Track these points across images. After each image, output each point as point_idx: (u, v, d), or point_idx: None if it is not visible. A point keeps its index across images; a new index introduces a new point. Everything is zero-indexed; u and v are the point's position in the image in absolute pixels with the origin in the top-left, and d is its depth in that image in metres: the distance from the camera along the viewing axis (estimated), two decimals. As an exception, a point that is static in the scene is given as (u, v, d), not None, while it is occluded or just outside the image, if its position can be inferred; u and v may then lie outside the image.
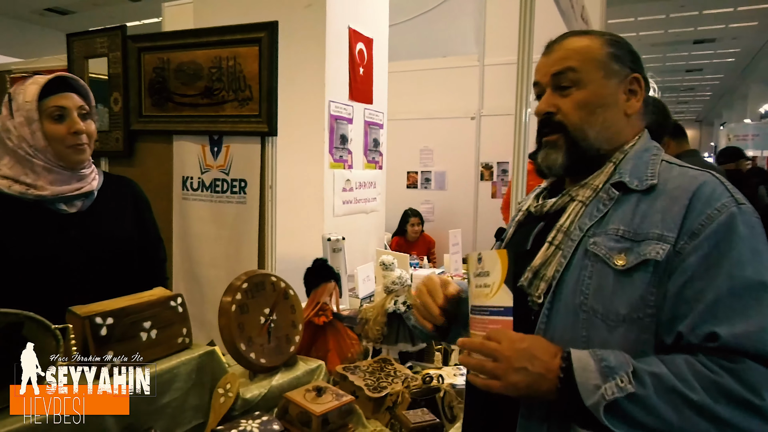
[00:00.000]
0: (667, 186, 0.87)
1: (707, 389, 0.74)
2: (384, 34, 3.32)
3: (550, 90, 0.98)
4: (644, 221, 0.85)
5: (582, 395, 0.77)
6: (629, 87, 0.96)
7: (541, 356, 0.81)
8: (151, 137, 2.33)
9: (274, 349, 1.45)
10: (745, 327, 0.76)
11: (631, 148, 0.94)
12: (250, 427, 1.21)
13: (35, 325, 1.02)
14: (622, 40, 0.99)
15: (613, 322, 0.83)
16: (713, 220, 0.81)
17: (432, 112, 4.61)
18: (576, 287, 0.86)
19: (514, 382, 0.81)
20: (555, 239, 0.92)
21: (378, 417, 1.46)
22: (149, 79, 2.27)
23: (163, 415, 1.19)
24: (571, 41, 0.98)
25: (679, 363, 0.77)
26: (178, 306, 1.29)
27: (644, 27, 13.76)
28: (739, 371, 0.74)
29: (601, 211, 0.90)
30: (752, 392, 0.73)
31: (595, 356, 0.79)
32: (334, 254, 2.41)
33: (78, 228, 1.48)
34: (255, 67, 2.02)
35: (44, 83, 1.43)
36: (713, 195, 0.84)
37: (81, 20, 13.41)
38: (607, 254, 0.85)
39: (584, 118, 0.94)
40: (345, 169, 2.97)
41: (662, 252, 0.81)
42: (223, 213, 2.16)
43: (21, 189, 1.41)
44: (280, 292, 1.51)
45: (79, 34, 2.51)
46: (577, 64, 0.95)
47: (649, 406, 0.75)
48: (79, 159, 1.48)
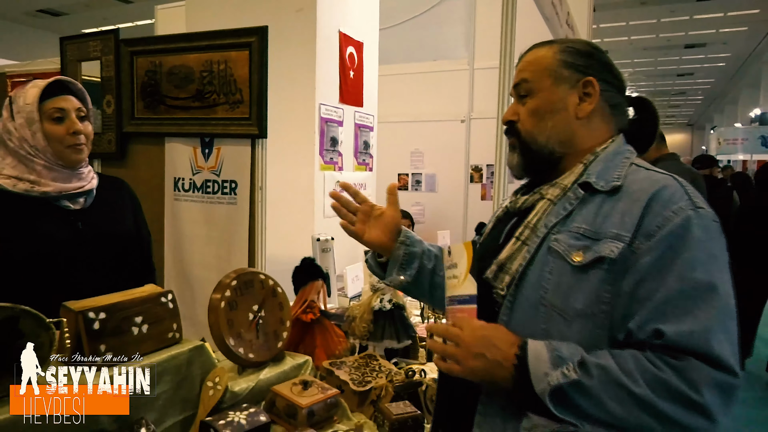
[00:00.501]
0: (630, 188, 0.90)
1: (650, 384, 0.77)
2: (374, 38, 3.37)
3: (515, 100, 1.05)
4: (605, 221, 0.88)
5: (533, 382, 0.81)
6: (583, 91, 0.98)
7: (500, 345, 0.85)
8: (144, 139, 2.37)
9: (262, 345, 1.49)
10: (691, 326, 0.79)
11: (603, 151, 0.98)
12: (237, 419, 1.25)
13: (31, 319, 1.06)
14: (581, 46, 1.02)
15: (570, 317, 0.86)
16: (669, 222, 0.84)
17: (422, 115, 4.67)
18: (537, 282, 0.90)
19: (473, 367, 0.86)
20: (522, 235, 0.96)
21: (362, 410, 1.51)
22: (141, 82, 2.32)
23: (154, 407, 1.23)
24: (531, 53, 1.04)
25: (627, 357, 0.80)
26: (168, 302, 1.33)
27: (636, 31, 13.90)
28: (682, 368, 0.77)
29: (567, 209, 0.93)
30: (693, 389, 0.76)
31: (549, 346, 0.83)
32: (323, 254, 2.45)
33: (85, 223, 1.56)
34: (245, 71, 2.07)
35: (44, 86, 1.49)
36: (672, 198, 0.86)
37: (73, 22, 13.41)
38: (566, 251, 0.89)
39: (534, 123, 1.00)
40: (335, 170, 3.02)
41: (616, 250, 0.84)
42: (214, 214, 2.20)
43: (26, 186, 1.47)
44: (269, 290, 1.56)
45: (72, 38, 2.55)
46: (530, 75, 1.01)
47: (594, 396, 0.79)
48: (77, 158, 1.55)
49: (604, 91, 0.99)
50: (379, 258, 1.27)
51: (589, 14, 4.24)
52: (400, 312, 1.85)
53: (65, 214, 1.53)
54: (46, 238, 1.47)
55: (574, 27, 3.19)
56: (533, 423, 0.84)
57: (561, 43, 1.03)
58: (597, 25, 12.79)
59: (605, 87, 1.00)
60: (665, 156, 3.07)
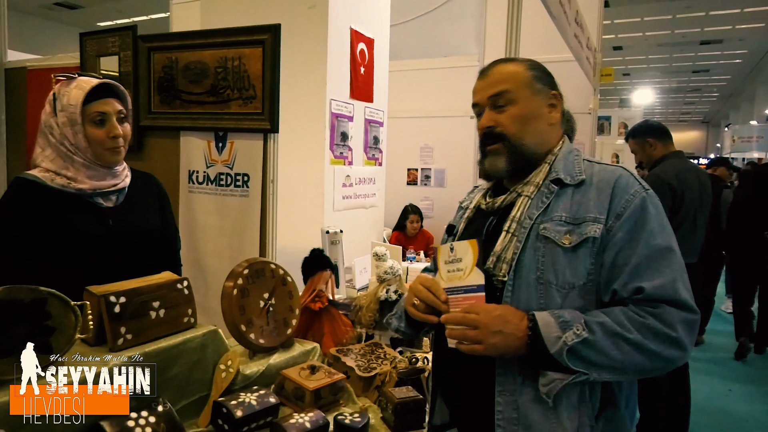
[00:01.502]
0: (593, 180, 1.10)
1: (639, 330, 0.97)
2: (385, 34, 3.42)
3: (488, 109, 1.17)
4: (580, 208, 1.07)
5: (547, 346, 0.98)
6: (550, 101, 1.18)
7: (512, 320, 1.02)
8: (160, 133, 2.44)
9: (272, 331, 1.56)
10: (662, 281, 0.99)
11: (559, 151, 1.17)
12: (248, 400, 1.32)
13: (57, 301, 1.14)
14: (539, 64, 1.21)
15: (565, 290, 1.04)
16: (630, 203, 1.04)
17: (432, 111, 4.71)
18: (532, 265, 1.07)
19: (494, 343, 1.01)
20: (510, 228, 1.11)
21: (367, 395, 1.58)
22: (158, 77, 2.38)
23: (170, 387, 1.30)
24: (501, 68, 1.19)
25: (617, 312, 1.00)
26: (184, 288, 1.40)
27: (650, 27, 13.77)
28: (660, 314, 0.98)
29: (545, 202, 1.10)
30: (670, 328, 0.97)
31: (553, 315, 1.01)
32: (332, 246, 2.52)
33: (116, 220, 1.62)
34: (259, 67, 2.13)
35: (89, 89, 1.54)
36: (628, 184, 1.07)
37: (89, 15, 13.54)
38: (556, 236, 1.06)
39: (520, 128, 1.15)
40: (345, 165, 3.08)
41: (598, 230, 1.04)
42: (227, 205, 2.27)
43: (62, 182, 1.54)
44: (279, 279, 1.62)
45: (91, 34, 2.62)
46: (511, 86, 1.15)
47: (599, 348, 0.97)
48: (115, 160, 1.62)
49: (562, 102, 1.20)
50: None
51: (599, 11, 4.25)
52: (406, 302, 1.91)
53: (98, 211, 1.60)
54: (79, 232, 1.54)
55: (584, 24, 3.22)
56: (551, 378, 1.00)
57: (524, 61, 1.20)
58: (611, 21, 12.70)
59: (562, 99, 1.20)
60: (671, 154, 3.09)
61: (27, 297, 1.09)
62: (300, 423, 1.27)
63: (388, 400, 1.43)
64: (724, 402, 4.02)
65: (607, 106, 16.36)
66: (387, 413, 1.44)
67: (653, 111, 25.59)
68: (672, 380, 3.06)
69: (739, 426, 3.67)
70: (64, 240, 1.52)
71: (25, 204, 1.51)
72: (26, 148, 3.05)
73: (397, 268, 1.95)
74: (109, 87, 1.60)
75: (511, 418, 1.06)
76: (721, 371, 4.62)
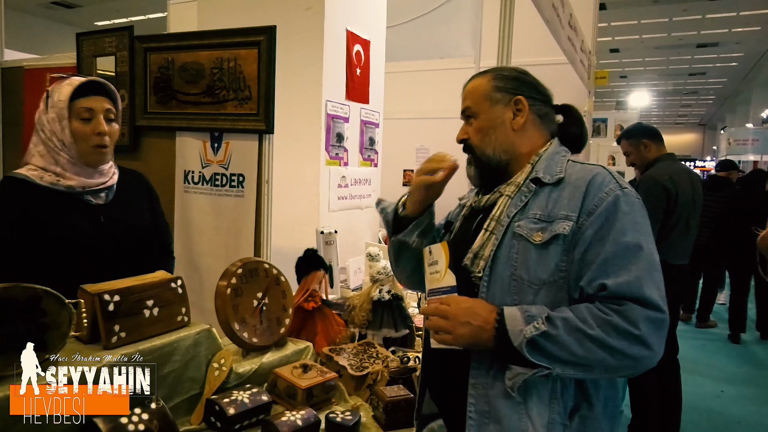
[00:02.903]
0: (570, 178, 1.12)
1: (601, 326, 0.98)
2: (381, 36, 3.43)
3: (464, 122, 1.27)
4: (555, 206, 1.09)
5: (511, 338, 1.01)
6: (515, 107, 1.21)
7: (481, 313, 1.06)
8: (156, 133, 2.45)
9: (265, 330, 1.58)
10: (626, 278, 1.00)
11: (544, 152, 1.20)
12: (241, 398, 1.34)
13: (52, 299, 1.15)
14: (507, 71, 1.26)
15: (536, 286, 1.07)
16: (603, 201, 1.06)
17: (428, 112, 4.72)
18: (507, 262, 1.10)
19: (461, 334, 1.05)
20: (489, 226, 1.16)
21: (359, 394, 1.60)
22: (154, 78, 2.40)
23: (164, 384, 1.32)
24: (469, 84, 1.27)
25: (582, 309, 1.01)
26: (178, 287, 1.42)
27: (647, 30, 13.82)
28: (623, 311, 0.98)
29: (523, 201, 1.14)
30: (632, 325, 0.97)
31: (521, 309, 1.04)
32: (326, 246, 2.53)
33: (107, 217, 1.64)
34: (254, 68, 2.14)
35: (78, 85, 1.57)
36: (603, 182, 1.08)
37: (87, 14, 13.52)
38: (528, 233, 1.09)
39: (481, 139, 1.22)
40: (341, 166, 3.09)
41: (568, 228, 1.06)
42: (222, 205, 2.29)
43: (51, 179, 1.55)
44: (273, 278, 1.64)
45: (88, 34, 2.63)
46: (471, 103, 1.24)
47: (560, 342, 0.99)
48: (99, 160, 1.63)
49: (532, 105, 1.22)
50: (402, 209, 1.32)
51: (594, 14, 4.28)
52: (399, 303, 1.93)
53: (88, 209, 1.62)
54: (70, 229, 1.56)
55: (578, 28, 3.24)
56: (515, 372, 1.03)
57: (493, 71, 1.26)
58: (607, 24, 12.74)
59: (532, 102, 1.22)
60: (664, 156, 3.12)
61: (22, 295, 1.11)
62: (292, 421, 1.29)
63: (379, 399, 1.45)
64: (716, 403, 4.05)
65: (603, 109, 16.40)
66: (378, 412, 1.46)
67: (650, 113, 25.66)
68: (663, 381, 3.09)
69: (731, 427, 3.70)
70: (55, 237, 1.53)
71: (15, 202, 1.52)
72: (22, 148, 3.05)
73: (390, 268, 1.97)
74: (100, 85, 1.61)
75: (483, 411, 1.09)
76: (712, 372, 4.66)
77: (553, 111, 1.27)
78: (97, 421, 1.10)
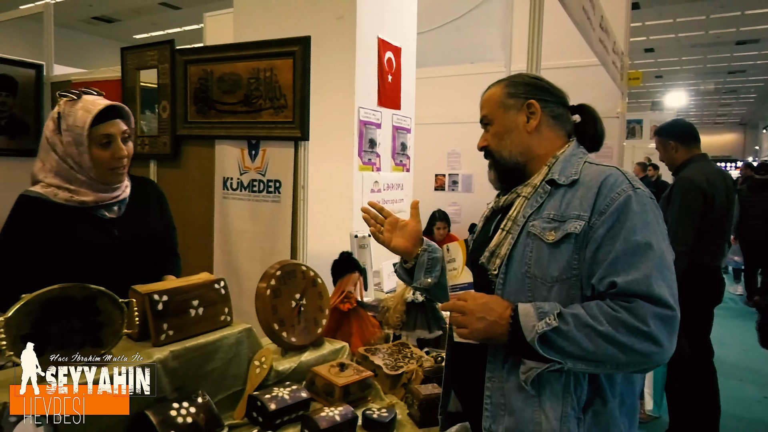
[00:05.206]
0: (584, 179, 1.15)
1: (610, 322, 1.00)
2: (412, 42, 3.48)
3: (483, 130, 1.32)
4: (568, 206, 1.13)
5: (524, 333, 1.05)
6: (528, 111, 1.25)
7: (496, 308, 1.10)
8: (196, 141, 2.55)
9: (303, 330, 1.63)
10: (635, 276, 1.02)
11: (561, 154, 1.24)
12: (281, 394, 1.39)
13: (106, 299, 1.23)
14: (519, 78, 1.32)
15: (549, 283, 1.10)
16: (615, 201, 1.08)
17: (459, 117, 4.74)
18: (521, 260, 1.14)
19: (477, 328, 1.11)
20: (506, 226, 1.20)
21: (394, 392, 1.63)
22: (194, 89, 2.50)
23: (209, 380, 1.38)
24: (485, 94, 1.33)
25: (592, 306, 1.04)
26: (221, 288, 1.49)
27: (683, 28, 13.52)
28: (632, 308, 1.00)
29: (539, 202, 1.18)
30: (641, 322, 0.99)
31: (534, 305, 1.08)
32: (360, 250, 2.58)
33: (120, 230, 1.67)
34: (289, 77, 2.21)
35: (96, 113, 1.56)
36: (615, 183, 1.11)
37: (125, 28, 14.00)
38: (541, 232, 1.13)
39: (498, 143, 1.28)
40: (373, 171, 3.14)
41: (579, 227, 1.09)
42: (260, 211, 2.36)
43: (66, 196, 1.58)
44: (310, 280, 1.70)
45: (131, 48, 2.76)
46: (487, 111, 1.30)
47: (571, 338, 1.02)
48: (117, 180, 1.66)
49: (545, 107, 1.26)
50: (405, 264, 1.48)
51: (627, 14, 4.23)
52: (432, 304, 1.97)
53: (102, 223, 1.64)
54: (85, 245, 1.58)
55: (609, 29, 3.22)
56: (528, 366, 1.08)
57: (507, 79, 1.32)
58: (641, 23, 12.52)
59: (544, 104, 1.26)
60: (697, 157, 3.06)
61: (80, 294, 1.19)
62: (330, 416, 1.34)
63: (414, 397, 1.49)
64: (758, 409, 3.94)
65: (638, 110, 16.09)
66: (413, 409, 1.49)
67: (688, 113, 25.01)
68: (700, 386, 3.03)
69: (774, 435, 3.60)
70: (70, 253, 1.55)
71: (31, 220, 1.54)
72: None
73: (424, 270, 2.00)
74: (115, 108, 1.62)
75: (499, 403, 1.14)
76: (754, 377, 4.52)
77: (569, 111, 1.31)
78: (148, 413, 1.17)
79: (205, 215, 2.50)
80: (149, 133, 2.72)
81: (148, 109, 2.77)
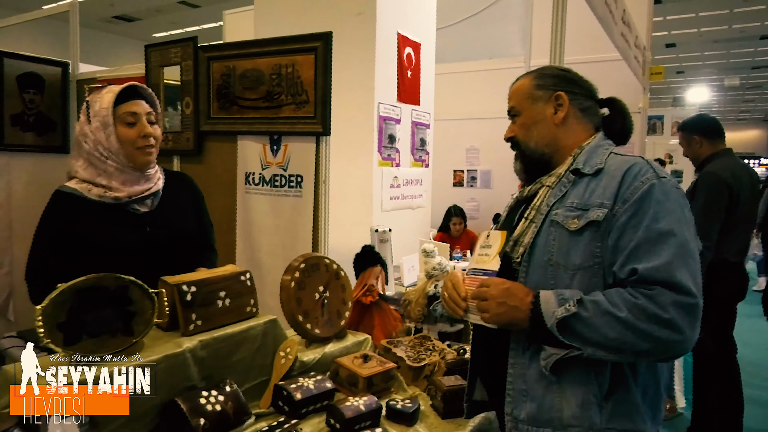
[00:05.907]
0: (609, 169, 1.16)
1: (630, 309, 1.01)
2: (431, 38, 3.49)
3: (510, 121, 1.34)
4: (592, 195, 1.13)
5: (545, 319, 1.07)
6: (556, 103, 1.26)
7: (518, 294, 1.12)
8: (218, 137, 2.59)
9: (326, 322, 1.65)
10: (656, 263, 1.02)
11: (587, 145, 1.25)
12: (307, 384, 1.41)
13: (138, 289, 1.26)
14: (549, 70, 1.33)
15: (572, 271, 1.11)
16: (638, 190, 1.08)
17: (478, 113, 4.74)
18: (544, 248, 1.16)
19: (498, 313, 1.13)
20: (530, 215, 1.22)
21: (417, 384, 1.65)
22: (217, 85, 2.53)
23: (236, 370, 1.41)
24: (514, 86, 1.34)
25: (612, 293, 1.05)
26: (247, 280, 1.51)
27: (706, 23, 13.30)
28: (652, 295, 1.00)
29: (563, 191, 1.19)
30: (661, 309, 0.99)
31: (556, 292, 1.09)
32: (381, 245, 2.59)
33: (152, 225, 1.69)
34: (311, 73, 2.23)
35: (119, 91, 1.63)
36: (640, 172, 1.11)
37: (145, 27, 14.16)
38: (564, 220, 1.14)
39: (525, 134, 1.29)
40: (393, 166, 3.16)
41: (602, 214, 1.09)
42: (281, 205, 2.39)
43: (99, 192, 1.61)
44: (333, 273, 1.72)
45: (155, 45, 2.80)
46: (515, 102, 1.32)
47: (591, 324, 1.03)
48: (147, 160, 1.68)
49: (573, 99, 1.27)
50: None
51: (649, 8, 4.19)
52: (453, 298, 1.97)
53: (135, 218, 1.66)
54: (117, 241, 1.61)
55: (631, 24, 3.19)
56: (549, 353, 1.09)
57: (536, 71, 1.33)
58: (663, 18, 12.33)
59: (573, 96, 1.27)
60: (721, 152, 3.03)
61: (113, 284, 1.22)
62: (355, 406, 1.35)
63: (437, 388, 1.50)
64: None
65: (659, 105, 15.85)
66: (436, 401, 1.50)
67: (710, 109, 24.56)
68: (723, 383, 3.01)
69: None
70: (102, 249, 1.58)
71: (65, 216, 1.59)
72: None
73: (445, 264, 2.01)
74: (138, 90, 1.66)
75: (521, 389, 1.15)
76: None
77: (597, 104, 1.31)
78: (178, 400, 1.20)
79: (228, 210, 2.53)
80: (173, 129, 2.76)
81: (171, 106, 2.81)
